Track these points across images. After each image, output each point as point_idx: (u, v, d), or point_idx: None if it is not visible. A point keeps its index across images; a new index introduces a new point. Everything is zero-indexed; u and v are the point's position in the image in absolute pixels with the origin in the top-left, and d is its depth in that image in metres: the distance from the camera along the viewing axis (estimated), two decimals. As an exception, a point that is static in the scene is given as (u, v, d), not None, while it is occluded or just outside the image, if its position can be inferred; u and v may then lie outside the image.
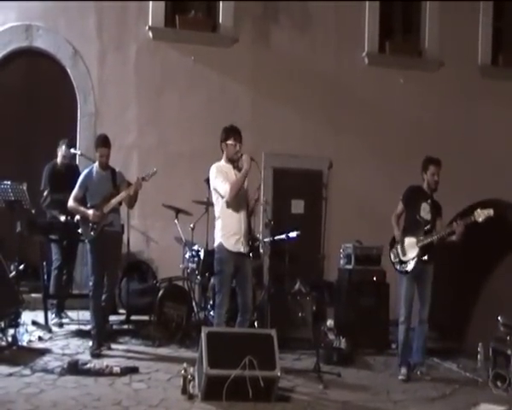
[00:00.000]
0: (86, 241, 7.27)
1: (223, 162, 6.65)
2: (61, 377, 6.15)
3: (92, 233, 7.09)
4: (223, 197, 6.45)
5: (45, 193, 8.38)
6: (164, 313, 7.84)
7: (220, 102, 10.54)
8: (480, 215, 6.56)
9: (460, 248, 6.92)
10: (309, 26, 11.00)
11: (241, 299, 6.58)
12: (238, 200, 6.49)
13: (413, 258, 6.92)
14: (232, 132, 6.61)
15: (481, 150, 11.20)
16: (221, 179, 6.46)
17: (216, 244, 6.58)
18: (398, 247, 7.04)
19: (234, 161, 6.59)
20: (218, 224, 6.55)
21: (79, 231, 7.33)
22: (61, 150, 8.54)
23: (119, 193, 7.17)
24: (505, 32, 12.13)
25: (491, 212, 6.56)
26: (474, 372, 7.32)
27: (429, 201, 7.08)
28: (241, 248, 6.51)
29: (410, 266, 6.94)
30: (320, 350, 7.07)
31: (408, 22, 11.79)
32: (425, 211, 7.04)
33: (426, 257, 6.93)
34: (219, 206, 6.53)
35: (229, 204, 6.46)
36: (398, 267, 7.06)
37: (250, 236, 6.90)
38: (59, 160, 8.57)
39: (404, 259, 6.99)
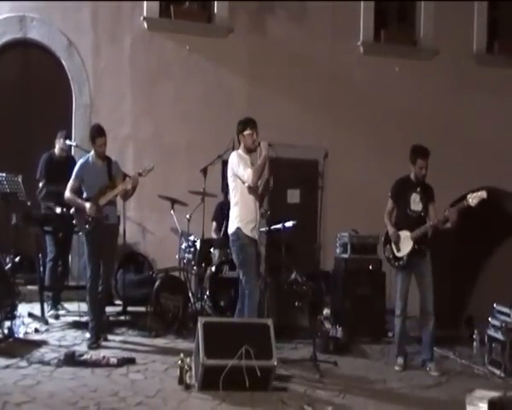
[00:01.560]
0: (81, 233, 7.26)
1: (241, 152, 6.72)
2: (57, 368, 6.16)
3: (87, 226, 7.05)
4: (244, 183, 6.53)
5: (41, 184, 8.37)
6: (160, 304, 7.83)
7: (216, 92, 10.54)
8: (474, 199, 6.44)
9: (456, 235, 6.92)
10: (304, 16, 10.98)
11: (243, 288, 6.65)
12: (256, 190, 6.61)
13: (407, 253, 6.85)
14: (248, 123, 6.72)
15: (477, 138, 11.20)
16: (243, 166, 6.55)
17: (232, 231, 6.62)
18: (393, 243, 6.96)
19: (251, 151, 6.68)
20: (235, 210, 6.64)
21: (74, 222, 7.33)
22: (59, 142, 8.51)
23: (115, 185, 7.15)
24: (500, 19, 12.10)
25: (483, 194, 6.43)
26: (469, 359, 7.37)
27: (418, 189, 6.94)
28: (256, 236, 6.63)
29: (404, 262, 6.88)
30: (316, 339, 7.06)
31: (403, 11, 11.76)
32: (415, 202, 6.91)
33: (421, 248, 6.84)
34: (238, 193, 6.62)
35: (250, 190, 6.55)
36: (392, 264, 7.03)
37: None
38: (57, 151, 8.54)
39: (398, 255, 6.93)
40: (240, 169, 6.55)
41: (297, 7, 10.91)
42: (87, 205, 7.03)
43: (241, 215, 6.59)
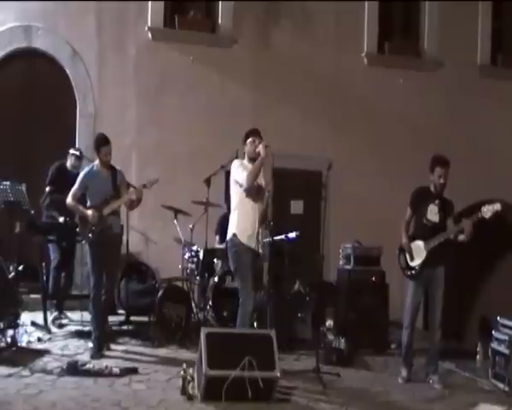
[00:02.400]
0: (84, 242, 7.25)
1: (244, 161, 6.78)
2: (60, 377, 6.15)
3: (90, 235, 7.05)
4: (241, 186, 6.55)
5: (46, 191, 8.38)
6: (163, 314, 7.82)
7: (220, 102, 10.55)
8: (488, 211, 6.38)
9: (458, 248, 6.88)
10: (308, 27, 11.00)
11: None
12: (255, 195, 6.61)
13: (420, 263, 6.78)
14: (250, 133, 6.80)
15: (481, 150, 11.20)
16: (242, 169, 6.60)
17: (229, 237, 6.65)
18: (406, 253, 6.91)
19: (255, 160, 6.67)
20: (234, 216, 6.66)
21: (78, 230, 7.32)
22: (71, 160, 8.54)
23: (119, 194, 7.15)
24: (504, 31, 12.13)
25: (498, 206, 6.38)
26: (473, 373, 7.34)
27: (437, 201, 6.84)
28: (253, 245, 6.61)
29: (416, 271, 6.80)
30: (319, 351, 7.07)
31: (407, 22, 11.80)
32: (432, 213, 6.82)
33: (434, 259, 6.75)
34: (237, 198, 6.65)
35: (247, 194, 6.57)
36: (406, 273, 6.94)
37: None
38: (68, 165, 8.55)
39: (411, 264, 6.85)
40: (238, 172, 6.61)
41: (301, 17, 10.93)
42: (89, 212, 7.03)
43: (239, 221, 6.61)
